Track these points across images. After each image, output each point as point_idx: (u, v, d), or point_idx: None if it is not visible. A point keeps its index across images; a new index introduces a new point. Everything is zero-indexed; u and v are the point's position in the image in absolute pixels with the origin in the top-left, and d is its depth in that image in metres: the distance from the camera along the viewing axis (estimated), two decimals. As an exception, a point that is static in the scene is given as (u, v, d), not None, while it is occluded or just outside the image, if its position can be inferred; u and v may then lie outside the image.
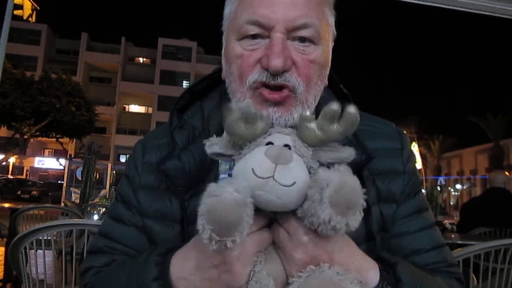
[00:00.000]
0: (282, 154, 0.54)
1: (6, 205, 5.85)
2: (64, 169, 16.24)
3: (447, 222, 6.10)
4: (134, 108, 44.99)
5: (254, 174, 0.53)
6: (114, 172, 16.91)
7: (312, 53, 0.71)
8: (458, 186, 40.93)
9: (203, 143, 0.64)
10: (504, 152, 33.66)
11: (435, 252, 0.77)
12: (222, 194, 0.50)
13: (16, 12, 8.30)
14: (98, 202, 7.40)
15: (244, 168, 0.55)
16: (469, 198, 5.85)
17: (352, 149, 0.60)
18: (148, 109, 43.74)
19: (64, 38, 43.82)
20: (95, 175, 9.58)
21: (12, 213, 4.03)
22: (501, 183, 4.09)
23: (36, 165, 38.83)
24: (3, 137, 27.90)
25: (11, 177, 30.26)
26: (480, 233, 3.84)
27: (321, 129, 0.57)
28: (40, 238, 1.81)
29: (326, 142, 0.58)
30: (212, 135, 0.75)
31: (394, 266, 0.64)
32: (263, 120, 0.59)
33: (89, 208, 5.55)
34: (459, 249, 1.84)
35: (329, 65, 0.77)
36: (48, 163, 38.54)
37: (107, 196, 10.43)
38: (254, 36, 0.71)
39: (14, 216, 3.84)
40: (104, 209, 5.27)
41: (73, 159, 17.29)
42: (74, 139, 27.99)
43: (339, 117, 0.55)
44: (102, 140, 34.44)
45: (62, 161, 25.58)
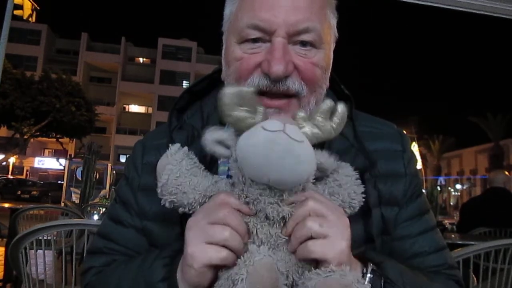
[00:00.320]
0: (288, 119, 0.56)
1: (6, 205, 5.85)
2: (64, 169, 16.20)
3: (447, 222, 6.10)
4: (134, 108, 44.99)
5: (265, 129, 0.52)
6: (114, 172, 16.87)
7: (314, 57, 0.70)
8: (458, 186, 40.94)
9: (205, 131, 0.62)
10: (504, 152, 33.66)
11: (436, 255, 0.77)
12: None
13: (16, 12, 8.30)
14: (98, 202, 7.39)
15: (253, 129, 0.55)
16: (469, 198, 5.84)
17: (333, 159, 0.61)
18: (148, 109, 43.75)
19: (64, 38, 43.84)
20: (95, 175, 9.58)
21: (12, 213, 4.03)
22: (501, 183, 4.08)
23: (36, 165, 38.83)
24: (3, 137, 27.92)
25: (11, 177, 30.27)
26: (480, 233, 3.83)
27: (316, 127, 0.58)
28: (40, 238, 1.80)
29: (321, 140, 0.59)
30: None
31: (380, 265, 0.64)
32: (260, 113, 0.58)
33: (89, 208, 5.54)
34: (459, 249, 1.84)
35: (330, 67, 0.76)
36: (48, 163, 38.54)
37: (107, 196, 10.43)
38: (255, 40, 0.70)
39: (14, 216, 3.85)
40: (104, 209, 5.27)
41: (73, 159, 17.24)
42: (74, 139, 28.02)
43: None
44: (102, 140, 34.43)
45: (62, 161, 25.55)
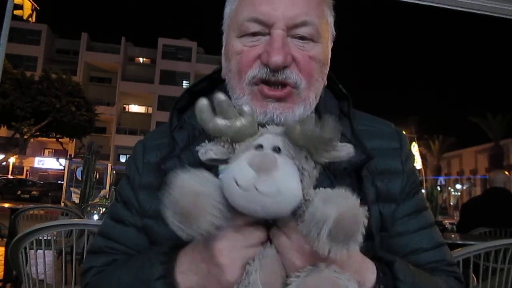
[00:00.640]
0: (264, 162, 0.52)
1: (6, 205, 5.84)
2: (64, 169, 16.21)
3: (447, 222, 6.10)
4: (134, 108, 44.99)
5: (237, 184, 0.51)
6: (114, 172, 16.89)
7: (312, 50, 0.71)
8: (458, 186, 40.92)
9: (196, 150, 0.62)
10: (504, 152, 33.67)
11: (434, 251, 0.77)
12: (182, 183, 0.54)
13: (16, 12, 8.29)
14: (98, 202, 7.39)
15: (228, 178, 0.54)
16: (469, 198, 5.84)
17: (350, 146, 0.57)
18: (148, 109, 43.75)
19: (64, 38, 43.83)
20: (95, 175, 9.59)
21: (12, 213, 4.02)
22: (501, 183, 4.08)
23: (36, 165, 38.83)
24: (3, 137, 27.93)
25: (11, 177, 30.28)
26: (480, 233, 3.83)
27: (303, 135, 0.54)
28: (40, 238, 1.80)
29: (318, 143, 0.55)
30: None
31: (392, 265, 0.64)
32: (246, 116, 0.56)
33: (89, 208, 5.54)
34: (459, 249, 1.83)
35: (328, 64, 0.77)
36: (48, 163, 38.54)
37: (107, 196, 10.45)
38: (255, 34, 0.71)
39: (14, 216, 3.84)
40: (104, 209, 5.27)
41: (73, 159, 17.25)
42: (74, 139, 28.01)
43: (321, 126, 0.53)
44: (102, 140, 34.43)
45: (62, 161, 25.55)
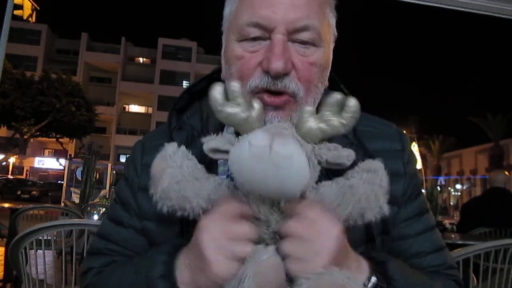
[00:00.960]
0: (279, 129, 0.52)
1: (6, 205, 5.86)
2: (64, 169, 16.21)
3: (447, 222, 6.10)
4: (134, 108, 44.98)
5: (250, 144, 0.51)
6: (114, 172, 16.90)
7: (313, 55, 0.70)
8: (458, 186, 40.94)
9: (201, 141, 0.63)
10: (504, 152, 33.66)
11: (435, 254, 0.77)
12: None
13: (16, 12, 8.28)
14: (98, 202, 7.39)
15: (241, 143, 0.53)
16: (469, 198, 5.84)
17: (351, 150, 0.58)
18: (148, 109, 43.73)
19: (64, 38, 43.82)
20: (95, 175, 9.59)
21: (12, 213, 4.02)
22: (501, 183, 4.08)
23: (36, 165, 38.81)
24: (3, 137, 27.90)
25: (11, 177, 30.26)
26: (480, 233, 3.83)
27: (324, 121, 0.55)
28: (40, 238, 1.80)
29: (329, 135, 0.56)
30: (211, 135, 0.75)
31: (384, 264, 0.64)
32: (256, 109, 0.57)
33: (89, 208, 5.54)
34: (459, 249, 1.83)
35: (330, 66, 0.76)
36: (48, 163, 38.52)
37: (107, 196, 10.44)
38: (255, 38, 0.70)
39: (14, 216, 3.84)
40: (104, 209, 5.27)
41: (73, 159, 17.23)
42: (74, 139, 28.00)
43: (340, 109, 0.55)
44: (102, 140, 34.44)
45: (62, 161, 25.54)
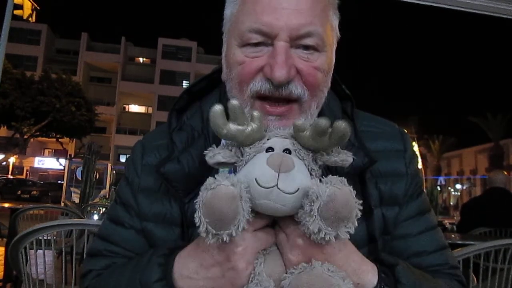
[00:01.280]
0: (284, 162, 0.54)
1: (6, 205, 5.86)
2: (64, 169, 16.22)
3: (447, 222, 6.10)
4: (134, 108, 44.98)
5: (258, 184, 0.53)
6: (114, 172, 16.90)
7: (316, 60, 0.70)
8: (458, 186, 40.95)
9: (204, 154, 0.63)
10: (504, 152, 33.67)
11: (437, 254, 0.77)
12: (218, 187, 0.52)
13: (16, 12, 8.28)
14: (98, 202, 7.38)
15: (247, 177, 0.55)
16: (469, 198, 5.85)
17: (351, 154, 0.60)
18: (148, 109, 43.74)
19: (64, 38, 43.83)
20: (95, 175, 9.61)
21: (12, 213, 4.02)
22: (501, 183, 4.08)
23: (36, 165, 38.81)
24: (3, 137, 27.91)
25: (11, 177, 30.25)
26: (480, 233, 3.83)
27: (313, 139, 0.57)
28: (40, 238, 1.80)
29: (320, 150, 0.59)
30: (211, 136, 0.75)
31: (393, 268, 0.64)
32: (255, 121, 0.58)
33: (89, 208, 5.53)
34: (459, 249, 1.83)
35: (332, 70, 0.75)
36: (48, 163, 38.52)
37: (107, 196, 10.44)
38: (257, 44, 0.69)
39: (14, 216, 3.84)
40: (104, 209, 5.26)
41: (73, 159, 17.24)
42: (74, 139, 28.02)
43: (330, 128, 0.56)
44: (102, 140, 34.44)
45: (62, 161, 25.56)
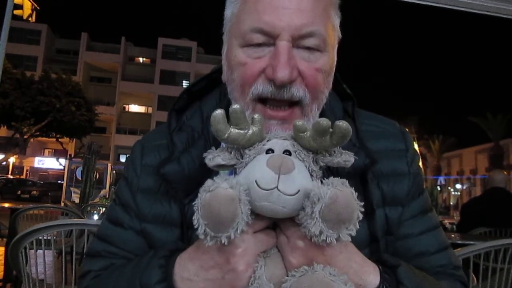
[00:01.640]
0: (284, 163, 0.54)
1: (6, 205, 5.85)
2: (64, 169, 16.20)
3: (447, 222, 6.11)
4: (134, 108, 44.97)
5: (258, 186, 0.53)
6: (114, 172, 16.87)
7: (318, 61, 0.69)
8: (458, 186, 40.95)
9: (204, 156, 0.63)
10: (504, 152, 33.67)
11: (440, 254, 0.76)
12: (216, 189, 0.52)
13: (16, 12, 8.28)
14: (98, 202, 7.38)
15: (247, 179, 0.55)
16: (469, 198, 5.85)
17: (352, 154, 0.60)
18: (148, 109, 43.74)
19: (64, 38, 43.82)
20: (95, 175, 9.60)
21: (12, 213, 4.02)
22: (501, 183, 4.08)
23: (36, 165, 38.81)
24: (3, 137, 27.89)
25: (11, 177, 30.25)
26: (480, 233, 3.83)
27: (314, 140, 0.57)
28: (40, 238, 1.80)
29: (321, 150, 0.59)
30: (211, 137, 0.74)
31: (395, 269, 0.64)
32: (256, 124, 0.58)
33: (89, 208, 5.53)
34: (459, 249, 1.83)
35: (334, 70, 0.75)
36: (48, 163, 38.52)
37: (107, 196, 10.43)
38: (259, 44, 0.68)
39: (14, 216, 3.84)
40: (104, 209, 5.26)
41: (73, 159, 17.23)
42: (74, 139, 28.01)
43: (331, 128, 0.55)
44: (102, 140, 34.46)
45: (62, 161, 25.55)
